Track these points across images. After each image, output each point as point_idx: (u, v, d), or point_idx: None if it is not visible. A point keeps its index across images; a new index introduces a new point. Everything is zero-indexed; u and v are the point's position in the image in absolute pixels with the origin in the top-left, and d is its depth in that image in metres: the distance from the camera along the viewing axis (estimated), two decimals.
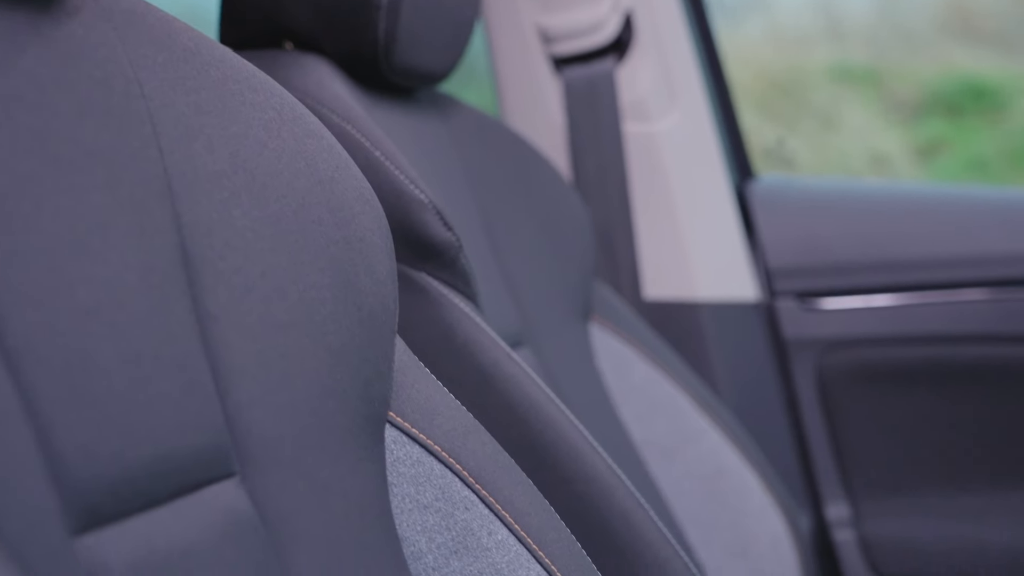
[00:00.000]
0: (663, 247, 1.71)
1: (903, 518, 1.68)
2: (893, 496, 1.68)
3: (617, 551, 1.10)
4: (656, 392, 1.49)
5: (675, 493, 1.48)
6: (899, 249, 1.70)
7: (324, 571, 0.73)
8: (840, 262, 1.71)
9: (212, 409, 0.71)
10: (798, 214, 1.76)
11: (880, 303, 1.70)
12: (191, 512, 0.67)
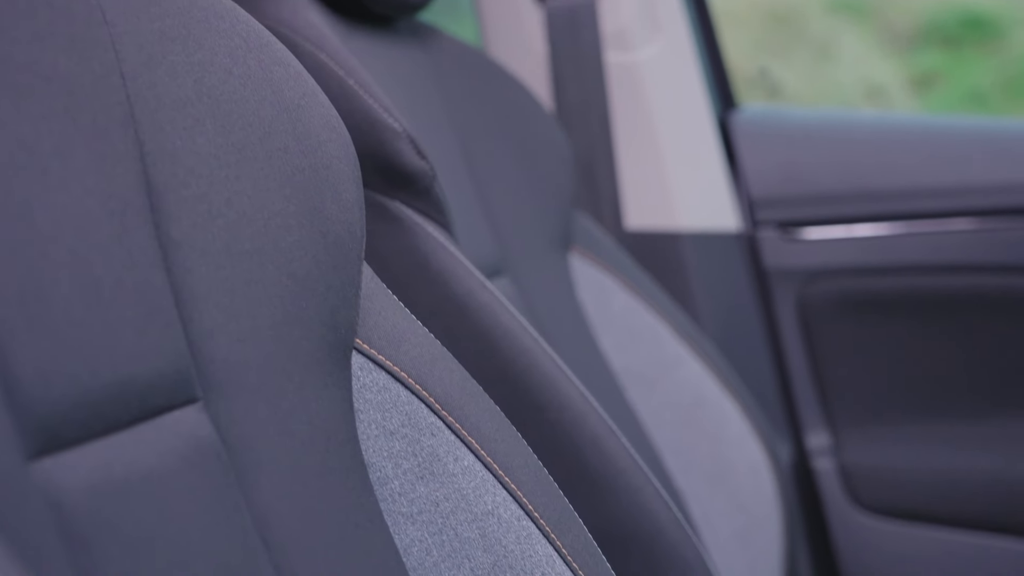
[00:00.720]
0: (644, 177, 1.71)
1: (883, 447, 1.69)
2: (873, 425, 1.69)
3: (589, 478, 1.10)
4: (636, 322, 1.50)
5: (654, 422, 1.49)
6: (882, 179, 1.70)
7: (287, 495, 0.74)
8: (822, 192, 1.71)
9: (174, 335, 0.71)
10: (781, 144, 1.76)
11: (862, 233, 1.70)
12: (152, 437, 0.68)
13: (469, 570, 0.81)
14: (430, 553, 0.80)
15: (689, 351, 1.50)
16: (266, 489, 0.73)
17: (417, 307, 1.03)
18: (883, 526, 1.69)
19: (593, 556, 0.84)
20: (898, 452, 1.68)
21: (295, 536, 0.74)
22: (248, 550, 0.71)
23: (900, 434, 1.68)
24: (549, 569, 0.82)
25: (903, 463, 1.68)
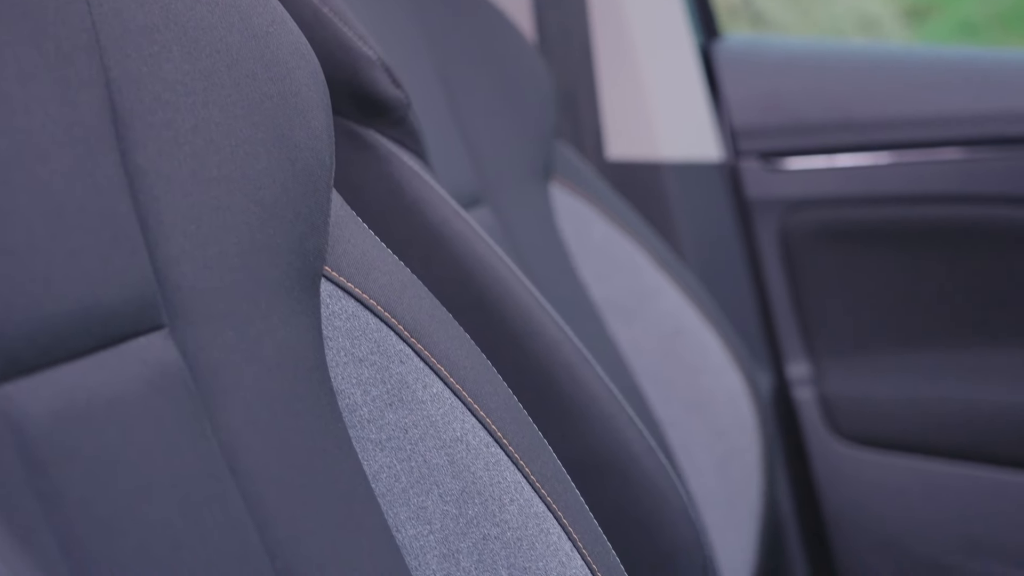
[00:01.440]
0: (626, 107, 1.71)
1: (863, 377, 1.70)
2: (854, 355, 1.70)
3: (563, 406, 1.11)
4: (616, 252, 1.50)
5: (634, 351, 1.49)
6: (865, 108, 1.69)
7: (254, 422, 0.75)
8: (805, 122, 1.71)
9: (140, 262, 0.71)
10: (763, 74, 1.76)
11: (845, 163, 1.70)
12: (116, 363, 0.68)
13: (438, 496, 0.82)
14: (398, 479, 0.81)
15: (669, 281, 1.50)
16: (233, 415, 0.74)
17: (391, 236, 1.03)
18: (862, 455, 1.70)
19: (562, 483, 0.85)
20: (878, 382, 1.69)
21: (262, 462, 0.74)
22: (214, 476, 0.71)
23: (880, 364, 1.69)
24: (517, 495, 0.82)
25: (883, 393, 1.69)
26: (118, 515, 0.64)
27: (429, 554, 0.81)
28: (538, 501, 0.83)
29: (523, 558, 0.82)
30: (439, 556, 0.81)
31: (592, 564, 0.84)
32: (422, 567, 0.81)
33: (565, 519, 0.84)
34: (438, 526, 0.81)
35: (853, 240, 1.69)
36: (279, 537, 0.73)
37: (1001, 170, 1.62)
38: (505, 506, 0.82)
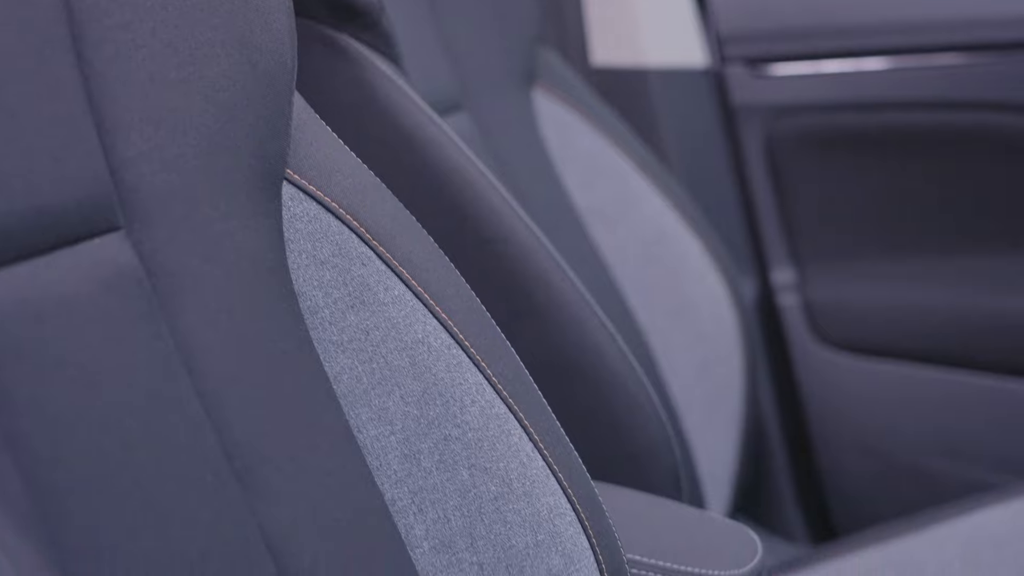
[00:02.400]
0: (611, 12, 1.70)
1: (847, 283, 1.70)
2: (838, 262, 1.70)
3: (534, 311, 1.12)
4: (599, 158, 1.50)
5: (616, 258, 1.50)
6: (853, 13, 1.68)
7: (213, 323, 0.75)
8: (792, 27, 1.70)
9: (95, 163, 0.72)
10: None
11: (831, 69, 1.69)
12: (69, 263, 0.69)
13: (399, 397, 0.82)
14: (360, 381, 0.82)
15: (652, 188, 1.50)
16: (190, 316, 0.74)
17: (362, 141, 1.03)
18: (846, 361, 1.70)
19: (523, 384, 0.86)
20: (862, 288, 1.70)
21: (220, 363, 0.75)
22: (169, 377, 0.72)
23: (865, 271, 1.69)
24: (478, 396, 0.83)
25: (867, 299, 1.69)
26: (67, 412, 0.65)
27: (390, 454, 0.82)
28: (499, 402, 0.84)
29: (484, 458, 0.83)
30: (400, 456, 0.82)
31: (553, 465, 0.84)
32: (383, 467, 0.81)
33: (526, 420, 0.84)
34: (399, 427, 0.82)
35: (839, 146, 1.69)
36: (237, 438, 0.74)
37: (986, 75, 1.61)
38: (466, 407, 0.83)
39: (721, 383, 1.55)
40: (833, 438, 1.71)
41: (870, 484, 1.71)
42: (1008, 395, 1.65)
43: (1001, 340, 1.64)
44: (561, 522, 0.84)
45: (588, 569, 0.84)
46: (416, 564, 0.81)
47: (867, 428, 1.70)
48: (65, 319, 0.67)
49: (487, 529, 0.82)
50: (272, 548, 0.72)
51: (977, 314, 1.64)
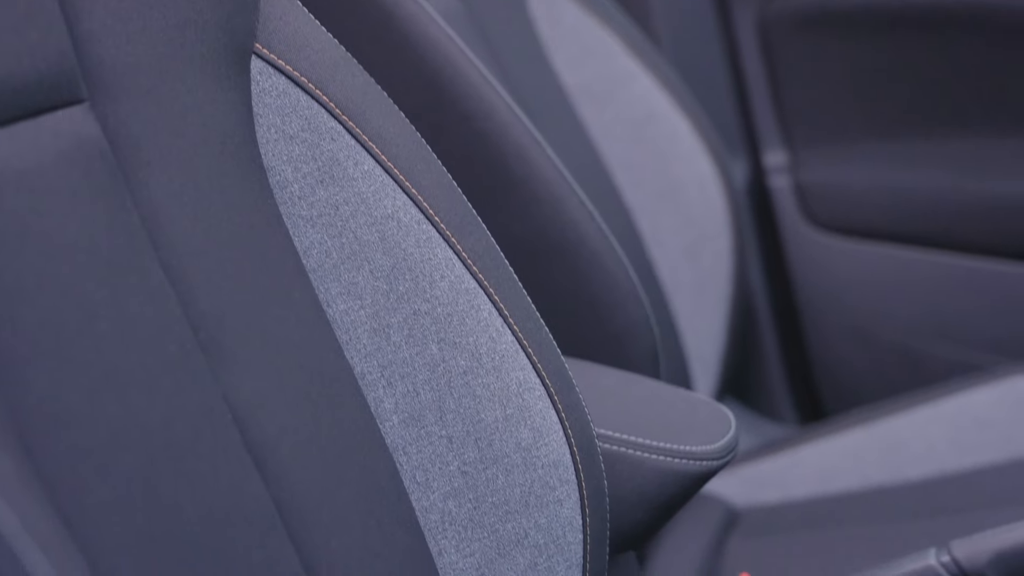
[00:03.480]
0: None
1: (839, 165, 1.70)
2: (830, 144, 1.70)
3: (513, 188, 1.11)
4: (588, 36, 1.49)
5: (605, 137, 1.49)
6: None
7: (179, 195, 0.75)
8: None
9: (57, 36, 0.71)
10: None
11: None
12: (31, 135, 0.69)
13: (368, 272, 0.83)
14: (329, 255, 0.82)
15: (641, 66, 1.49)
16: (155, 189, 0.74)
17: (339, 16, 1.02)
18: (836, 243, 1.70)
19: (494, 260, 0.86)
20: (854, 170, 1.69)
21: (185, 236, 0.75)
22: (133, 248, 0.72)
23: (856, 152, 1.69)
24: (448, 271, 0.83)
25: (858, 181, 1.69)
26: (27, 281, 0.65)
27: (360, 328, 0.82)
28: (469, 278, 0.84)
29: (453, 333, 0.83)
30: (370, 331, 0.82)
31: (523, 340, 0.85)
32: (352, 341, 0.82)
33: (496, 295, 0.85)
34: (369, 301, 0.82)
35: (832, 28, 1.67)
36: (202, 309, 0.74)
37: None
38: (436, 282, 0.83)
39: (709, 265, 1.55)
40: (823, 320, 1.72)
41: (859, 366, 1.72)
42: (998, 277, 1.65)
43: (992, 222, 1.63)
44: (530, 396, 0.85)
45: (556, 443, 0.85)
46: (385, 437, 0.82)
47: (857, 310, 1.70)
48: (26, 191, 0.67)
49: (456, 403, 0.83)
50: (237, 418, 0.73)
51: (969, 196, 1.64)
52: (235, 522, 0.69)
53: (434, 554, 0.82)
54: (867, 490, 1.49)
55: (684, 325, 1.49)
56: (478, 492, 0.83)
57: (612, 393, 1.00)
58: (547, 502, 0.84)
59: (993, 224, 1.62)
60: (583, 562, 0.86)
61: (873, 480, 1.50)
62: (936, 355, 1.67)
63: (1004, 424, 1.49)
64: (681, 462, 0.94)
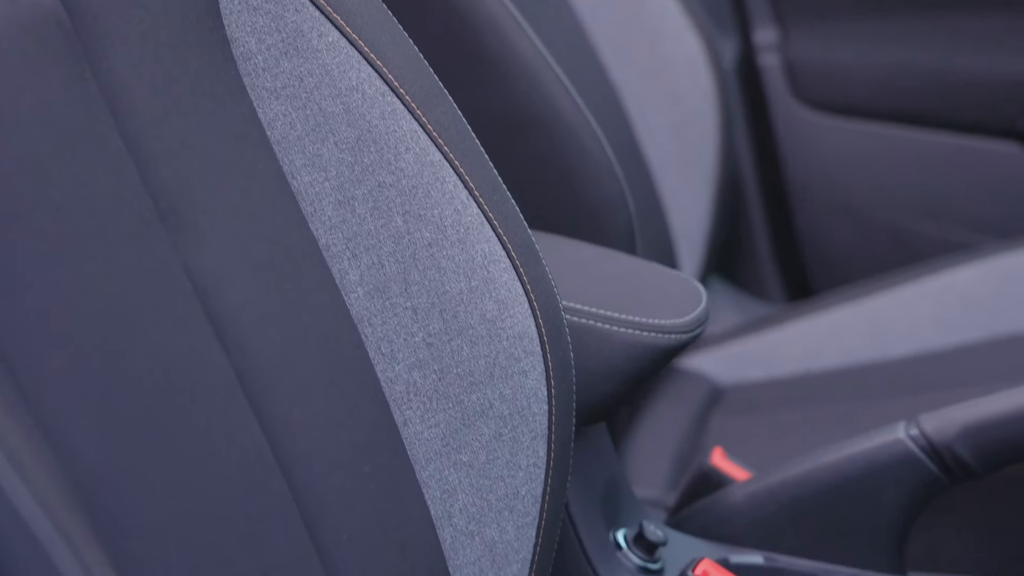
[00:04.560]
0: None
1: (829, 43, 1.68)
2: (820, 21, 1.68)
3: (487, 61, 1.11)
4: None
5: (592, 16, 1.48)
6: None
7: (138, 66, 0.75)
8: None
9: None
10: None
11: None
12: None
13: (333, 144, 0.82)
14: (293, 127, 0.82)
15: None
16: (115, 59, 0.74)
17: None
18: (826, 121, 1.70)
19: (460, 132, 0.86)
20: (844, 47, 1.68)
21: (146, 105, 0.75)
22: (91, 118, 0.72)
23: (847, 30, 1.67)
24: (413, 144, 0.83)
25: (849, 58, 1.68)
26: None
27: (324, 200, 0.82)
28: (434, 150, 0.84)
29: (418, 205, 0.84)
30: (334, 203, 0.82)
31: (488, 212, 0.85)
32: (317, 213, 0.82)
33: (462, 168, 0.85)
34: (333, 173, 0.82)
35: None
36: (163, 179, 0.74)
37: None
38: (400, 154, 0.83)
39: (696, 143, 1.54)
40: (811, 198, 1.71)
41: (848, 244, 1.72)
42: (987, 155, 1.64)
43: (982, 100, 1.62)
44: (495, 269, 0.85)
45: (521, 314, 0.85)
46: (350, 309, 0.82)
47: (846, 188, 1.70)
48: None
49: (421, 275, 0.84)
50: (198, 288, 0.74)
51: (958, 74, 1.63)
52: (194, 391, 0.70)
53: (399, 424, 0.83)
54: (850, 368, 1.50)
55: (670, 203, 1.49)
56: (443, 363, 0.84)
57: (584, 267, 1.00)
58: (512, 373, 0.85)
59: (982, 102, 1.62)
60: (548, 433, 0.86)
61: (857, 358, 1.50)
62: (924, 233, 1.67)
63: (988, 302, 1.49)
64: (649, 335, 0.95)
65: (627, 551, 1.00)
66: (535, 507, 0.87)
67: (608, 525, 1.00)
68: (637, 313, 0.95)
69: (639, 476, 1.32)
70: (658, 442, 1.39)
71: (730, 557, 1.02)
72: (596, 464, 1.01)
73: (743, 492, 1.06)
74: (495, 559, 0.86)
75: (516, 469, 0.86)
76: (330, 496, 0.76)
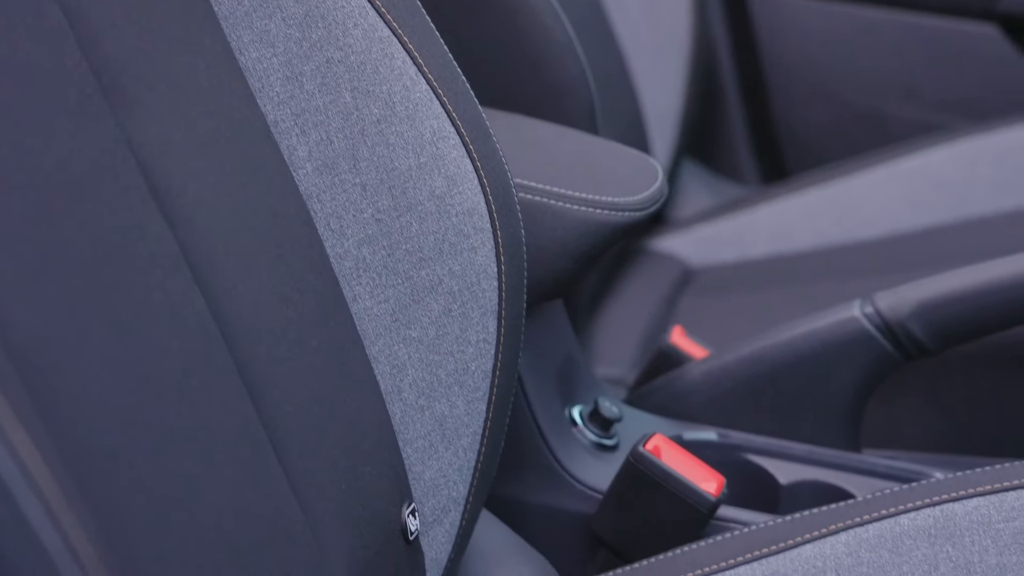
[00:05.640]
0: None
1: None
2: None
3: None
4: None
5: None
6: None
7: None
8: None
9: None
10: None
11: None
12: None
13: (281, 20, 0.82)
14: (240, 3, 0.81)
15: None
16: None
17: None
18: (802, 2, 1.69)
19: (409, 8, 0.85)
20: None
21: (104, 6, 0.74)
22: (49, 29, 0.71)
23: None
24: (361, 19, 0.83)
25: None
26: None
27: (272, 76, 0.82)
28: (383, 26, 0.84)
29: (366, 81, 0.83)
30: (282, 79, 0.82)
31: (437, 89, 0.85)
32: (265, 89, 0.82)
33: (411, 44, 0.85)
34: (281, 49, 0.82)
35: None
36: (106, 53, 0.74)
37: None
38: (348, 30, 0.83)
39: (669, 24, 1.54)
40: (787, 80, 1.71)
41: (823, 126, 1.72)
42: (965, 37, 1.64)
43: None
44: (444, 145, 0.85)
45: (471, 191, 0.85)
46: (299, 185, 0.83)
47: (825, 70, 1.70)
48: None
49: (370, 151, 0.84)
50: (141, 163, 0.73)
51: None
52: (134, 262, 0.70)
53: (348, 300, 0.84)
54: (821, 249, 1.51)
55: (642, 84, 1.48)
56: (392, 239, 0.84)
57: (540, 145, 1.01)
58: (461, 249, 0.85)
59: None
60: (498, 309, 0.87)
61: (828, 239, 1.51)
62: (900, 116, 1.67)
63: (960, 184, 1.50)
64: (602, 212, 0.95)
65: (582, 427, 1.01)
66: (485, 382, 0.88)
67: (564, 402, 1.01)
68: (590, 191, 0.95)
69: (605, 355, 1.33)
70: (626, 322, 1.40)
71: (684, 433, 1.03)
72: (552, 341, 1.02)
73: (699, 370, 1.07)
74: (445, 433, 0.87)
75: (466, 345, 0.86)
76: (276, 370, 0.77)
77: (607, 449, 1.01)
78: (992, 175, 1.47)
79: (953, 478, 0.89)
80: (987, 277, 1.01)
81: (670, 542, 0.91)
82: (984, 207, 1.46)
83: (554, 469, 0.99)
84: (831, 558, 0.87)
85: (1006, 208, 1.45)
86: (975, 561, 0.86)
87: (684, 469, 0.93)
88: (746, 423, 1.05)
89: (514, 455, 0.99)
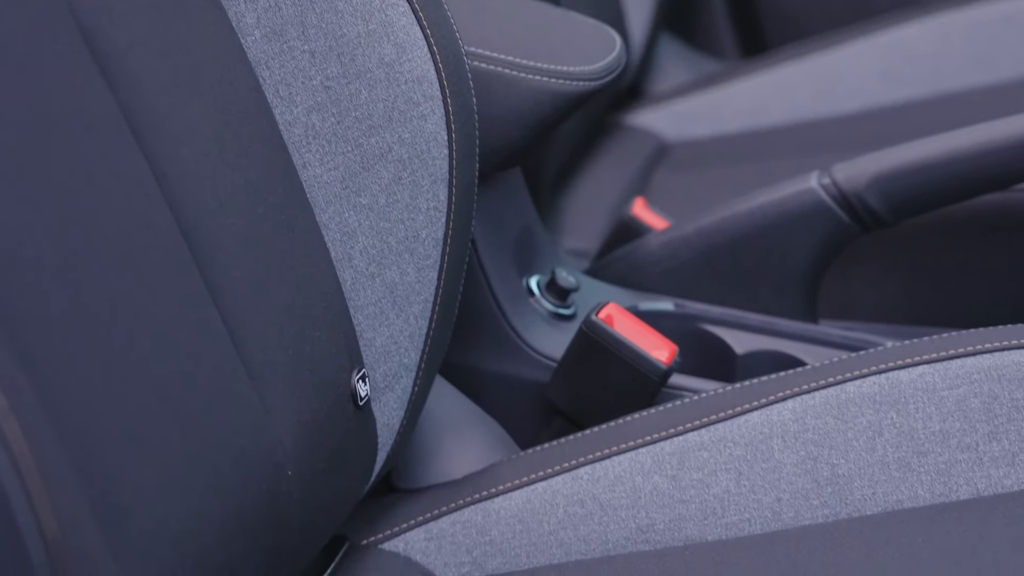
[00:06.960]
0: None
1: None
2: None
3: None
4: None
5: None
6: None
7: None
8: None
9: None
10: None
11: None
12: None
13: None
14: None
15: None
16: None
17: None
18: None
19: None
20: None
21: None
22: None
23: None
24: None
25: None
26: None
27: None
28: None
29: None
30: None
31: None
32: None
33: None
34: None
35: None
36: None
37: None
38: None
39: None
40: None
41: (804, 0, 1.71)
42: None
43: None
44: (394, 12, 0.85)
45: (420, 59, 0.85)
46: (247, 51, 0.83)
47: None
48: None
49: (318, 18, 0.84)
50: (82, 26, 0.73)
51: None
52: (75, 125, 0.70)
53: (298, 167, 0.84)
54: (796, 124, 1.51)
55: None
56: (341, 106, 0.85)
57: (495, 14, 1.00)
58: (411, 117, 0.85)
59: None
60: (449, 177, 0.87)
61: (803, 114, 1.51)
62: None
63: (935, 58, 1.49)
64: (557, 82, 0.95)
65: (539, 297, 1.02)
66: (436, 250, 0.88)
67: (521, 272, 1.02)
68: (545, 60, 0.95)
69: (574, 228, 1.33)
70: (598, 196, 1.40)
71: (640, 304, 1.04)
72: (509, 211, 1.02)
73: (658, 241, 1.07)
74: (396, 300, 0.87)
75: (416, 212, 0.87)
76: (221, 235, 0.77)
77: (564, 319, 1.02)
78: (966, 48, 1.46)
79: (899, 346, 0.89)
80: (943, 149, 1.01)
81: (623, 409, 0.92)
82: (958, 82, 1.45)
83: (510, 338, 0.99)
84: (777, 424, 0.88)
85: (979, 83, 1.44)
86: (918, 428, 0.87)
87: (636, 337, 0.94)
88: (704, 294, 1.05)
89: (470, 324, 1.00)
